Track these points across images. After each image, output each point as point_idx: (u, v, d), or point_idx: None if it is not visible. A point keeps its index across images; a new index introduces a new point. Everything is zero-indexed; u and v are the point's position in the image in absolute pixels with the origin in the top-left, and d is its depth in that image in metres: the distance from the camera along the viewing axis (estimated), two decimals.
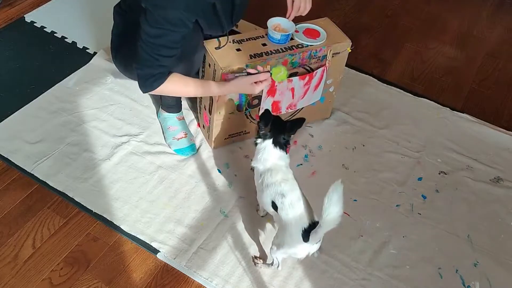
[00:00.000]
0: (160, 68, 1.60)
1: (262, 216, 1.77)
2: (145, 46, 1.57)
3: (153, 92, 1.66)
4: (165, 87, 1.64)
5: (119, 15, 1.87)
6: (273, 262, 1.60)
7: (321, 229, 1.37)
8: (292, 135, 1.61)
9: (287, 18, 1.81)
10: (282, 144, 1.58)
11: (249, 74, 1.68)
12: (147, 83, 1.63)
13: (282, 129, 1.59)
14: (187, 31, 1.58)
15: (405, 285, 1.64)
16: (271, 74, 1.70)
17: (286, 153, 1.60)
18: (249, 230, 1.73)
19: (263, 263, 1.63)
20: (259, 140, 1.60)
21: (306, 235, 1.42)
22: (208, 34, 1.77)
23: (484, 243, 1.78)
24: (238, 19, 1.88)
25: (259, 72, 1.68)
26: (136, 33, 1.81)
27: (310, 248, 1.47)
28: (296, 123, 1.60)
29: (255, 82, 1.68)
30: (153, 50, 1.56)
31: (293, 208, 1.47)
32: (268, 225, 1.75)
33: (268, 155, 1.58)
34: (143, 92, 1.67)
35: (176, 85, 1.67)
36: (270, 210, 1.57)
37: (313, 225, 1.43)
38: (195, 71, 1.84)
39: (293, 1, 1.79)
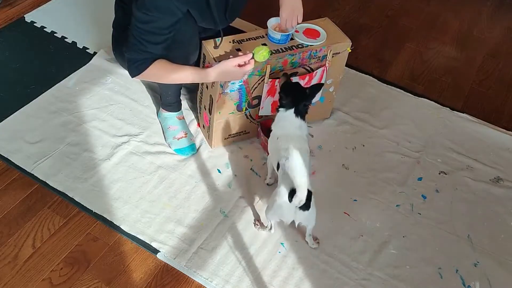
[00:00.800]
0: (145, 53, 1.63)
1: (267, 184, 1.84)
2: (133, 30, 1.60)
3: (140, 77, 1.69)
4: (150, 71, 1.66)
5: (120, 7, 1.87)
6: (267, 224, 1.69)
7: (298, 191, 1.46)
8: (311, 101, 1.70)
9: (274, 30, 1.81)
10: (303, 113, 1.68)
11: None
12: (133, 67, 1.67)
13: (302, 97, 1.68)
14: (175, 20, 1.61)
15: (405, 285, 1.64)
16: (253, 54, 1.69)
17: (305, 122, 1.69)
18: (249, 230, 1.73)
19: (261, 225, 1.72)
20: (281, 109, 1.69)
21: (291, 195, 1.50)
22: (202, 26, 1.77)
23: (484, 243, 1.78)
24: (233, 16, 1.88)
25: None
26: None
27: (296, 213, 1.55)
28: (315, 88, 1.71)
29: (239, 66, 1.66)
30: (139, 35, 1.60)
31: (291, 171, 1.52)
32: (268, 224, 1.75)
33: (289, 124, 1.67)
34: (131, 77, 1.70)
35: (160, 70, 1.69)
36: (275, 170, 1.67)
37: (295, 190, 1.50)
38: (193, 61, 1.83)
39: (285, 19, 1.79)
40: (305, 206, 1.52)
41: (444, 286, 1.66)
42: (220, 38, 1.75)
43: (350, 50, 1.92)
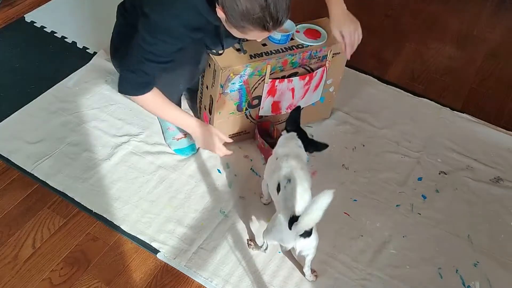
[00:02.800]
0: (144, 76, 1.57)
1: (264, 204, 1.80)
2: (136, 49, 1.55)
3: (129, 96, 1.65)
4: (140, 99, 1.62)
5: (122, 14, 1.86)
6: (263, 245, 1.62)
7: (300, 224, 1.39)
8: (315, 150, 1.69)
9: (345, 55, 1.78)
10: (304, 139, 1.67)
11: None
12: (127, 87, 1.60)
13: (305, 138, 1.68)
14: (183, 46, 1.56)
15: (405, 285, 1.64)
16: None
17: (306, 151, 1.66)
18: (249, 230, 1.73)
19: (255, 245, 1.67)
20: (283, 132, 1.70)
21: (291, 222, 1.43)
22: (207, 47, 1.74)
23: (484, 243, 1.78)
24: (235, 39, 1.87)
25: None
26: (135, 35, 1.80)
27: (297, 241, 1.47)
28: (318, 146, 1.68)
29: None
30: (142, 55, 1.54)
31: (292, 195, 1.48)
32: None
33: (291, 143, 1.65)
34: (119, 92, 1.64)
35: (152, 103, 1.65)
36: (274, 193, 1.59)
37: (296, 218, 1.43)
38: (196, 80, 1.85)
39: (342, 36, 1.74)
40: (307, 233, 1.45)
41: (444, 286, 1.66)
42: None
43: None
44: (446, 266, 1.70)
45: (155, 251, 1.65)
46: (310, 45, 1.82)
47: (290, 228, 1.43)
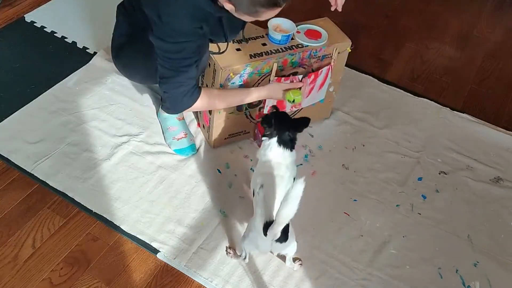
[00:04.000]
0: (190, 81, 1.58)
1: None
2: (166, 62, 1.54)
3: (188, 110, 1.66)
4: (200, 102, 1.63)
5: (122, 14, 1.85)
6: (241, 254, 1.61)
7: (275, 225, 1.36)
8: (298, 132, 1.61)
9: (336, 7, 1.80)
10: (286, 142, 1.58)
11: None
12: (183, 102, 1.62)
13: (287, 126, 1.59)
14: (200, 39, 1.56)
15: (405, 285, 1.64)
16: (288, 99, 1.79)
17: (291, 151, 1.59)
18: None
19: (234, 254, 1.65)
20: (264, 138, 1.61)
21: (265, 229, 1.41)
22: (210, 39, 1.74)
23: (484, 243, 1.78)
24: (238, 31, 1.87)
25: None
26: (138, 34, 1.79)
27: (273, 245, 1.46)
28: (301, 123, 1.62)
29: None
30: (176, 65, 1.53)
31: (265, 202, 1.46)
32: None
33: (271, 153, 1.58)
34: (177, 113, 1.68)
35: (212, 98, 1.67)
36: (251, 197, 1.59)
37: (271, 222, 1.40)
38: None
39: None
40: (283, 238, 1.43)
41: (444, 286, 1.66)
42: (224, 44, 1.72)
43: (350, 50, 1.92)
44: (446, 266, 1.70)
45: (155, 251, 1.65)
46: (310, 45, 1.82)
47: (265, 234, 1.41)
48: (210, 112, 1.87)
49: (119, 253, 1.65)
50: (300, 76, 1.82)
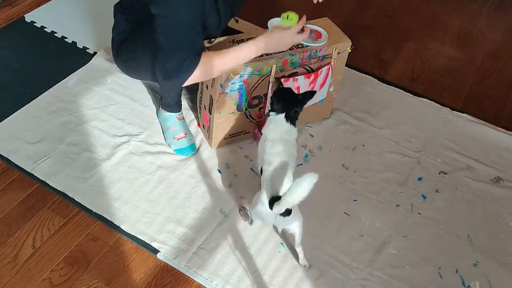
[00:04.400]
0: (192, 45, 1.55)
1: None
2: (167, 27, 1.51)
3: (190, 80, 1.58)
4: (202, 67, 1.57)
5: (120, 13, 1.87)
6: (249, 219, 1.72)
7: (281, 204, 1.43)
8: (304, 106, 1.70)
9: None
10: (293, 118, 1.67)
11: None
12: (184, 69, 1.56)
13: (294, 102, 1.67)
14: (199, 7, 1.54)
15: (405, 285, 1.64)
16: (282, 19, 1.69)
17: (295, 127, 1.67)
18: (249, 230, 1.73)
19: (244, 214, 1.74)
20: (272, 113, 1.67)
21: (271, 203, 1.48)
22: (204, 21, 1.69)
23: (484, 243, 1.78)
24: (237, 10, 1.87)
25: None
26: (136, 30, 1.81)
27: (277, 219, 1.54)
28: (307, 95, 1.70)
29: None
30: (176, 30, 1.51)
31: (272, 178, 1.53)
32: (268, 226, 1.75)
33: (278, 128, 1.65)
34: (181, 83, 1.59)
35: (213, 61, 1.60)
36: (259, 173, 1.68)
37: (278, 198, 1.46)
38: None
39: None
40: (287, 212, 1.49)
41: (444, 286, 1.66)
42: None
43: (350, 50, 1.92)
44: (446, 266, 1.70)
45: (155, 251, 1.65)
46: (310, 45, 1.82)
47: (270, 208, 1.48)
48: (210, 112, 1.87)
49: (119, 253, 1.65)
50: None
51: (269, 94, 1.85)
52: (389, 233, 1.78)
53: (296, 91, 1.87)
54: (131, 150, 1.93)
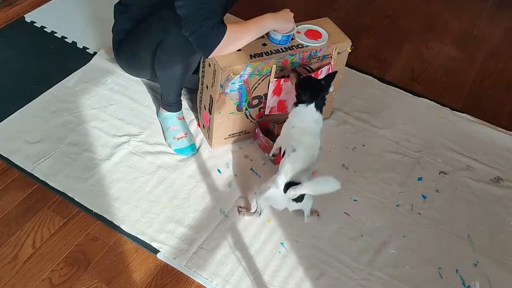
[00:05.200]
0: (215, 15, 1.57)
1: (272, 156, 1.89)
2: (186, 1, 1.54)
3: (217, 50, 1.61)
4: (228, 36, 1.59)
5: (120, 12, 1.87)
6: (256, 209, 1.72)
7: (299, 189, 1.52)
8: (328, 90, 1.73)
9: None
10: (321, 105, 1.70)
11: None
12: (211, 36, 1.57)
13: (320, 89, 1.69)
14: None
15: (405, 285, 1.64)
16: None
17: (321, 113, 1.71)
18: (249, 230, 1.73)
19: (246, 211, 1.75)
20: (301, 105, 1.69)
21: (287, 187, 1.55)
22: None
23: (484, 243, 1.78)
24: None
25: None
26: (135, 27, 1.82)
27: (288, 203, 1.61)
28: (329, 78, 1.72)
29: None
30: (196, 0, 1.54)
31: (293, 163, 1.59)
32: (269, 225, 1.75)
33: (308, 118, 1.69)
34: (209, 52, 1.61)
35: (238, 30, 1.64)
36: (273, 152, 1.83)
37: (294, 183, 1.55)
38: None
39: None
40: (299, 199, 1.58)
41: (444, 286, 1.66)
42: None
43: (350, 50, 1.92)
44: (446, 266, 1.70)
45: (155, 251, 1.65)
46: (310, 45, 1.83)
47: (285, 192, 1.55)
48: (210, 112, 1.87)
49: (119, 253, 1.65)
50: None
51: (269, 93, 1.85)
52: (389, 233, 1.78)
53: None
54: (131, 150, 1.93)
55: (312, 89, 1.68)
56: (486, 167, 2.04)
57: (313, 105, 1.67)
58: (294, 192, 1.53)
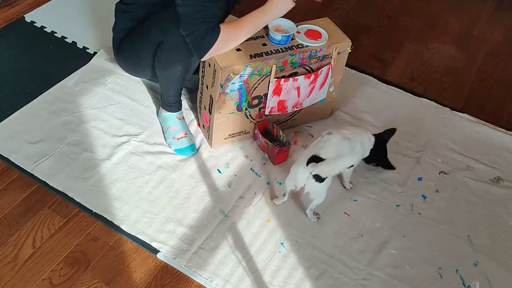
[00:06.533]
0: (212, 19, 1.59)
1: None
2: (192, 4, 1.56)
3: (210, 53, 1.64)
4: (222, 37, 1.63)
5: (121, 11, 1.87)
6: (284, 191, 1.78)
7: (322, 164, 1.62)
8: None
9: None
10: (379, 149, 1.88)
11: None
12: (205, 40, 1.61)
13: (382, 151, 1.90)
14: None
15: (405, 285, 1.64)
16: None
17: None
18: (249, 230, 1.73)
19: (276, 198, 1.81)
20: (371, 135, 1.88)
21: (310, 160, 1.64)
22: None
23: (484, 243, 1.78)
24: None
25: None
26: (135, 26, 1.82)
27: (308, 180, 1.64)
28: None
29: None
30: (197, 2, 1.56)
31: (323, 143, 1.70)
32: (269, 225, 1.75)
33: (365, 138, 1.83)
34: (202, 55, 1.66)
35: (231, 31, 1.67)
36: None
37: (317, 159, 1.65)
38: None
39: None
40: (318, 177, 1.62)
41: (444, 286, 1.66)
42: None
43: (350, 50, 1.92)
44: (446, 266, 1.70)
45: (155, 251, 1.65)
46: (310, 45, 1.83)
47: (307, 163, 1.63)
48: (210, 112, 1.87)
49: (119, 253, 1.65)
50: None
51: (269, 93, 1.84)
52: (389, 233, 1.78)
53: (296, 92, 1.88)
54: (131, 150, 1.93)
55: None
56: (486, 167, 2.04)
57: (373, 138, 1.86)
58: (315, 166, 1.60)
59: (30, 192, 1.78)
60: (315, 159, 1.63)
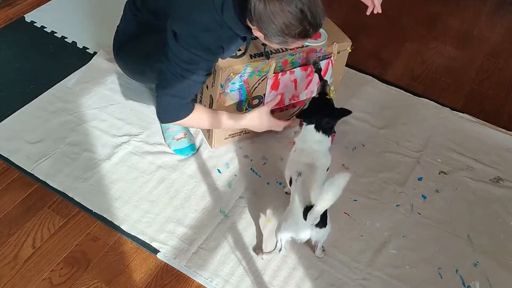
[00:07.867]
0: (188, 95, 1.56)
1: (286, 193, 1.81)
2: (174, 67, 1.50)
3: (173, 122, 1.63)
4: (190, 118, 1.60)
5: (131, 11, 1.80)
6: (276, 245, 1.62)
7: (316, 208, 1.41)
8: (337, 120, 1.71)
9: (376, 9, 1.79)
10: (325, 128, 1.65)
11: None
12: (172, 113, 1.59)
13: (327, 113, 1.67)
14: (215, 60, 1.57)
15: (405, 285, 1.64)
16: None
17: (328, 137, 1.66)
18: (249, 230, 1.73)
19: (263, 252, 1.65)
20: (304, 123, 1.68)
21: (305, 213, 1.46)
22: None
23: (484, 243, 1.78)
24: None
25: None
26: (143, 34, 1.75)
27: (312, 231, 1.51)
28: (342, 112, 1.71)
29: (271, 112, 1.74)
30: (184, 74, 1.50)
31: (304, 188, 1.51)
32: (269, 225, 1.75)
33: (308, 137, 1.65)
34: (161, 122, 1.63)
35: (200, 115, 1.64)
36: (288, 184, 1.68)
37: (311, 207, 1.44)
38: None
39: None
40: (322, 223, 1.49)
41: (444, 286, 1.66)
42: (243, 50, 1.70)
43: (350, 50, 1.92)
44: (446, 266, 1.70)
45: (155, 251, 1.65)
46: (310, 45, 1.82)
47: (305, 218, 1.46)
48: None
49: (119, 253, 1.65)
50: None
51: (267, 89, 1.84)
52: (389, 233, 1.78)
53: (293, 84, 1.87)
54: (131, 150, 1.93)
55: (319, 110, 1.68)
56: (486, 167, 2.04)
57: (313, 125, 1.64)
58: (312, 215, 1.43)
59: (30, 192, 1.78)
60: (309, 208, 1.44)
